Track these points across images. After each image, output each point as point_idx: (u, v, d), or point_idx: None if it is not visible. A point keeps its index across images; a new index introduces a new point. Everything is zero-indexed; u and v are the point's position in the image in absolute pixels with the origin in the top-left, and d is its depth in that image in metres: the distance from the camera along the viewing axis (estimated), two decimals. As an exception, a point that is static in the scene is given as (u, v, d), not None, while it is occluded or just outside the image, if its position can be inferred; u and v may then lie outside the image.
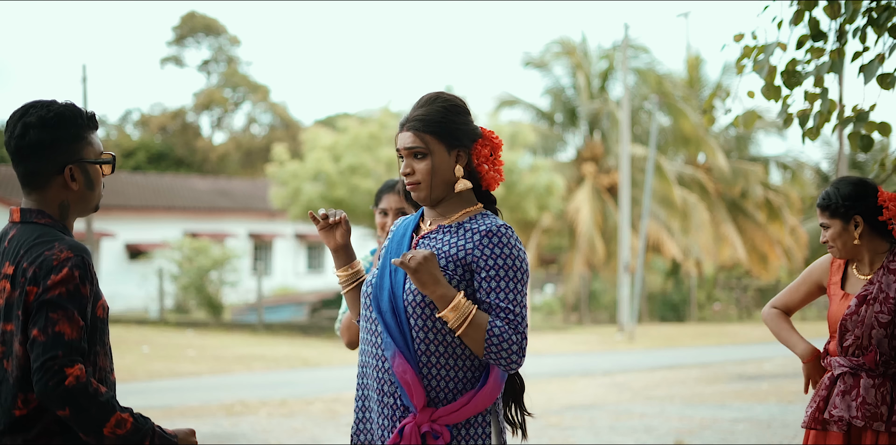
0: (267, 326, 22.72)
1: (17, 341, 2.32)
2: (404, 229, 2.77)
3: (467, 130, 2.69)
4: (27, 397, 2.31)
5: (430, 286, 2.52)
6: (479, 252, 2.58)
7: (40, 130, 2.40)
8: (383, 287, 2.65)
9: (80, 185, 2.46)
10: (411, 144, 2.65)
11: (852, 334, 3.42)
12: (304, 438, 8.50)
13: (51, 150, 2.42)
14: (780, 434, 8.51)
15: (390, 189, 3.97)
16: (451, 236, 2.65)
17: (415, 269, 2.51)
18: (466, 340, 2.54)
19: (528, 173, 23.34)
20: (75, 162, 2.44)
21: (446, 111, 2.68)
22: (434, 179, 2.65)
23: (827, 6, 4.34)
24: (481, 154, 2.70)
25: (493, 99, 30.35)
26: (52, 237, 2.37)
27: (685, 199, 28.02)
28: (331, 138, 23.07)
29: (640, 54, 29.69)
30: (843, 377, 3.45)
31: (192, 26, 45.69)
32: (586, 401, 11.00)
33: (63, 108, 2.44)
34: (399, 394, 2.59)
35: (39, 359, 2.24)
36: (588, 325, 27.72)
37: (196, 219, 31.72)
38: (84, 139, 2.46)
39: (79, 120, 2.45)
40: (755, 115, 4.73)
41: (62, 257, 2.31)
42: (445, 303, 2.53)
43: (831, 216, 3.53)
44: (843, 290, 3.55)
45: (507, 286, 2.56)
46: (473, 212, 2.70)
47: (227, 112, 46.28)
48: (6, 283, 2.36)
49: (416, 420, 2.55)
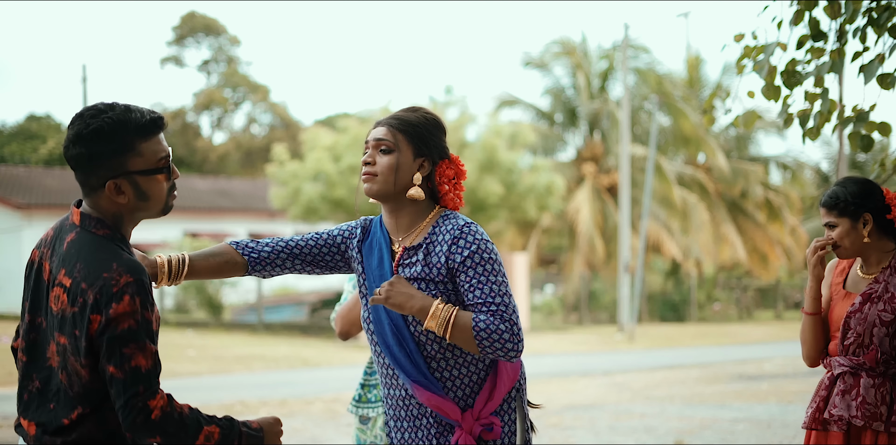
0: (267, 326, 22.72)
1: (75, 360, 2.30)
2: (379, 255, 2.76)
3: (438, 145, 2.74)
4: (84, 411, 2.33)
5: (406, 303, 2.58)
6: (453, 257, 2.62)
7: (78, 144, 2.32)
8: (382, 322, 2.69)
9: (130, 197, 2.36)
10: (381, 136, 2.70)
11: (854, 332, 3.41)
12: (304, 438, 8.49)
13: (90, 165, 2.32)
14: (780, 434, 8.51)
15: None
16: (420, 255, 2.68)
17: (387, 297, 2.58)
18: (457, 342, 2.58)
19: (528, 173, 23.34)
20: (118, 176, 2.33)
21: (425, 120, 2.73)
22: (393, 175, 2.67)
23: (827, 6, 4.34)
24: (445, 173, 2.74)
25: (493, 99, 30.38)
26: (109, 255, 2.29)
27: (685, 199, 28.02)
28: (331, 138, 23.07)
29: (640, 54, 29.70)
30: (842, 376, 3.44)
31: (192, 26, 45.68)
32: (586, 401, 11.00)
33: (102, 123, 2.31)
34: (433, 415, 2.66)
35: (122, 397, 2.23)
36: (588, 325, 27.72)
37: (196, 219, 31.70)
38: (131, 151, 2.33)
39: (121, 132, 2.32)
40: (755, 115, 4.73)
41: (122, 282, 2.24)
42: (424, 314, 2.58)
43: (839, 215, 3.50)
44: (844, 290, 3.55)
45: (485, 279, 2.60)
46: (434, 218, 2.72)
47: (227, 112, 46.28)
48: (62, 293, 2.30)
49: (464, 429, 2.62)
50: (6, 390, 11.77)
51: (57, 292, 2.32)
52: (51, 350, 2.35)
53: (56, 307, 2.32)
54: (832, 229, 3.53)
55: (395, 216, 2.74)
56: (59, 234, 2.41)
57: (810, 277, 3.55)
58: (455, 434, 2.63)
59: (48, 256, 2.39)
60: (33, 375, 2.39)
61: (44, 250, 2.41)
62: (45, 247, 2.41)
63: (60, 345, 2.32)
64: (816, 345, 3.55)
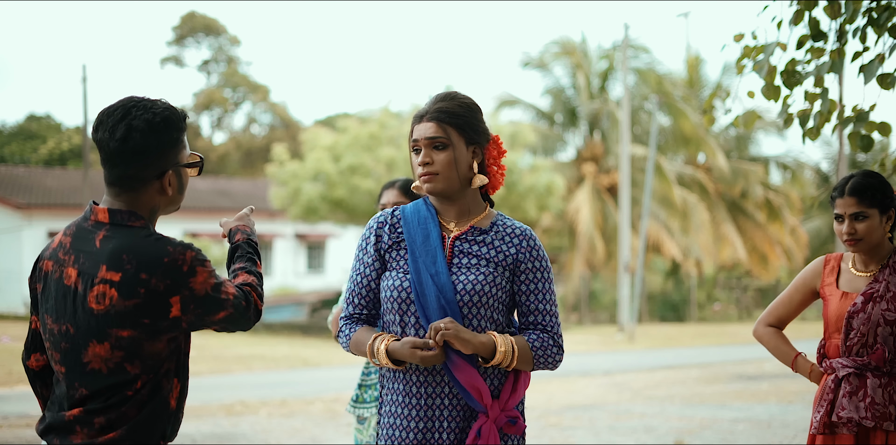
0: (267, 326, 22.71)
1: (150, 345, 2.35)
2: (426, 230, 2.70)
3: (484, 130, 2.75)
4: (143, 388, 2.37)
5: (469, 343, 2.55)
6: (522, 256, 2.67)
7: (147, 134, 2.33)
8: (426, 293, 2.62)
9: (174, 189, 2.43)
10: (433, 134, 2.66)
11: (858, 332, 3.37)
12: (304, 438, 8.49)
13: (155, 156, 2.35)
14: (780, 434, 8.51)
15: (391, 185, 4.08)
16: (490, 238, 2.69)
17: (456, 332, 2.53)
18: (518, 366, 2.61)
19: (528, 173, 23.34)
20: (174, 167, 2.39)
21: (468, 108, 2.72)
22: (454, 171, 2.66)
23: (827, 6, 4.34)
24: (490, 155, 2.75)
25: (493, 99, 30.37)
26: (157, 241, 2.34)
27: (685, 199, 28.02)
28: (331, 138, 23.07)
29: (640, 54, 29.70)
30: (847, 378, 3.39)
31: (192, 26, 45.68)
32: (586, 401, 11.00)
33: (166, 111, 2.37)
34: (461, 397, 2.61)
35: (242, 304, 2.45)
36: (588, 325, 27.72)
37: (196, 219, 31.69)
38: (181, 143, 2.41)
39: (180, 123, 2.39)
40: (755, 115, 4.73)
41: (187, 258, 2.33)
42: (488, 349, 2.58)
43: (870, 206, 3.38)
44: (839, 289, 3.49)
45: (544, 287, 2.68)
46: (491, 213, 2.76)
47: (227, 112, 46.29)
48: (108, 289, 2.31)
49: (490, 417, 2.60)
50: (6, 390, 11.77)
51: (100, 290, 2.31)
52: (89, 354, 2.35)
53: (101, 305, 2.31)
54: (859, 220, 3.39)
55: (452, 203, 2.72)
56: (78, 237, 2.39)
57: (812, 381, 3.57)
58: (479, 421, 2.59)
59: (70, 262, 2.36)
60: (76, 383, 2.37)
61: (63, 258, 2.39)
62: (63, 254, 2.39)
63: (126, 338, 2.32)
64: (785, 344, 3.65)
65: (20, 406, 10.20)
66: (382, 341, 2.62)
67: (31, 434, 8.46)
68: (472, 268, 2.65)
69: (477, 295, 2.61)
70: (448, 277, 2.62)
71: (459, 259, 2.67)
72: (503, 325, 2.68)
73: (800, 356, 3.60)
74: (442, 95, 2.72)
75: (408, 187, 4.02)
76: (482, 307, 2.62)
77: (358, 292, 2.74)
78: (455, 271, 2.65)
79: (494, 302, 2.64)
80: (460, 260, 2.67)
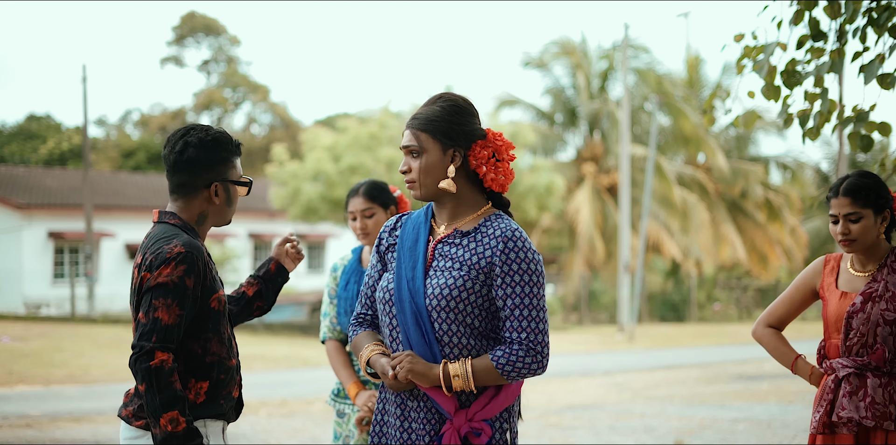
0: (267, 326, 22.71)
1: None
2: (416, 234, 2.74)
3: (465, 131, 2.68)
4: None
5: (422, 377, 2.58)
6: (497, 259, 2.60)
7: (198, 149, 2.83)
8: (402, 298, 2.65)
9: (221, 200, 2.89)
10: (407, 143, 2.70)
11: (857, 332, 3.37)
12: (304, 438, 8.50)
13: (204, 167, 2.84)
14: (780, 434, 8.51)
15: (354, 193, 4.01)
16: (468, 241, 2.66)
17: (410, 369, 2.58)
18: (485, 383, 2.60)
19: (528, 173, 23.35)
20: (221, 180, 2.87)
21: (444, 111, 2.69)
22: (426, 177, 2.67)
23: (827, 6, 4.34)
24: (479, 156, 2.68)
25: (493, 99, 30.40)
26: (174, 234, 2.78)
27: (685, 199, 28.02)
28: (331, 138, 23.07)
29: (640, 54, 29.72)
30: (847, 378, 3.39)
31: (192, 26, 45.69)
32: (586, 401, 11.00)
33: (219, 133, 2.88)
34: (429, 401, 2.63)
35: (138, 338, 2.64)
36: (588, 325, 27.72)
37: (196, 219, 31.74)
38: (230, 162, 2.89)
39: (230, 146, 2.89)
40: (755, 115, 4.73)
41: (175, 251, 2.71)
42: (445, 379, 2.58)
43: (864, 206, 3.38)
44: (838, 289, 3.48)
45: (523, 290, 2.59)
46: (486, 213, 2.71)
47: (227, 112, 46.28)
48: (135, 270, 2.80)
49: (453, 425, 2.60)
50: (6, 390, 11.77)
51: (135, 272, 2.79)
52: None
53: (132, 286, 2.79)
54: (853, 221, 3.40)
55: (440, 207, 2.73)
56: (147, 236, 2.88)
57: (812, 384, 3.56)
58: (445, 425, 2.61)
59: (138, 260, 2.81)
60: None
61: (136, 257, 2.83)
62: (138, 254, 2.83)
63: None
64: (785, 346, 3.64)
65: (20, 406, 10.20)
66: (370, 351, 2.71)
67: (32, 433, 8.46)
68: (445, 272, 2.64)
69: (445, 300, 2.59)
70: (422, 281, 2.63)
71: (438, 263, 2.66)
72: (484, 331, 2.63)
73: (800, 358, 3.59)
74: (430, 99, 2.73)
75: (373, 191, 3.98)
76: (452, 312, 2.59)
77: (364, 292, 2.83)
78: (431, 274, 2.65)
79: (468, 307, 2.60)
80: (438, 263, 2.66)
